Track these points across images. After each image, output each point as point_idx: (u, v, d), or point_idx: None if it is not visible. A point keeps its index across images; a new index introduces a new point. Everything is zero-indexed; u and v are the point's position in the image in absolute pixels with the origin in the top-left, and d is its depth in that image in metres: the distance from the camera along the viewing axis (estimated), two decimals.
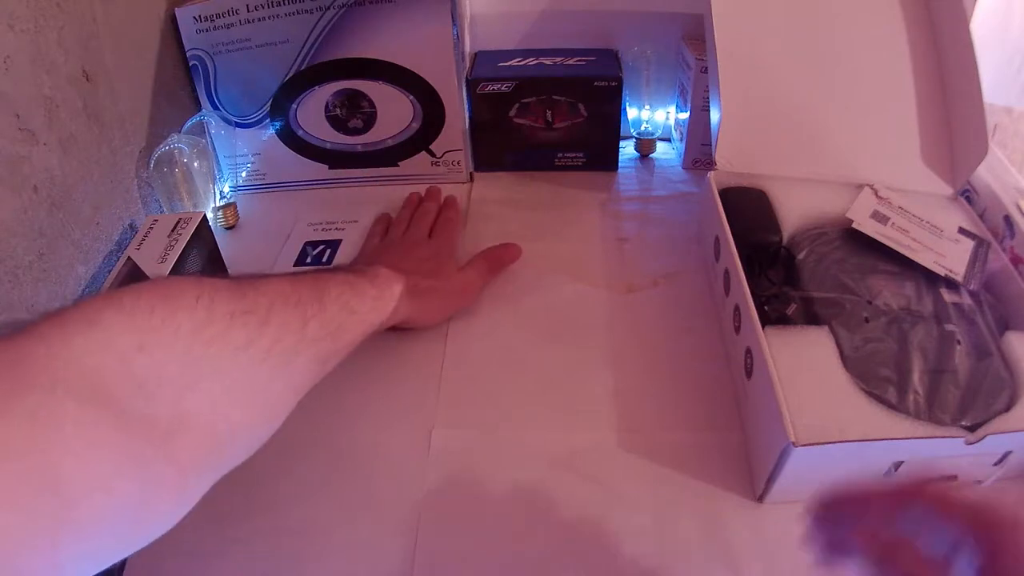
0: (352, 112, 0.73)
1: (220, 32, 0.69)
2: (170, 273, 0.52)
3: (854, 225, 0.54)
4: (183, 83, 0.72)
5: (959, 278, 0.51)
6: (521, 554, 0.43)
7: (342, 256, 0.66)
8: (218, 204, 0.70)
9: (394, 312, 0.48)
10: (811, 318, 0.48)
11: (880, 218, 0.56)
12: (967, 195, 0.61)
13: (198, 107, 0.73)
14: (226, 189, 0.72)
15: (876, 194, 0.57)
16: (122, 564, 0.43)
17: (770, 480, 0.43)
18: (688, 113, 0.73)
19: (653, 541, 0.43)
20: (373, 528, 0.45)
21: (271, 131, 0.74)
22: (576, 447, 0.49)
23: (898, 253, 0.52)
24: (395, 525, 0.45)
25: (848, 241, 0.54)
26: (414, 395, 0.49)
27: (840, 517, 0.31)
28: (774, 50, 0.62)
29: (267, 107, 0.73)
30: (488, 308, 0.60)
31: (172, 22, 0.68)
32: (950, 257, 0.53)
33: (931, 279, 0.51)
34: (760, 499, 0.45)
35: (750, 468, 0.46)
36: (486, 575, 0.43)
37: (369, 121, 0.73)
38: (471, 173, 0.77)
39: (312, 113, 0.73)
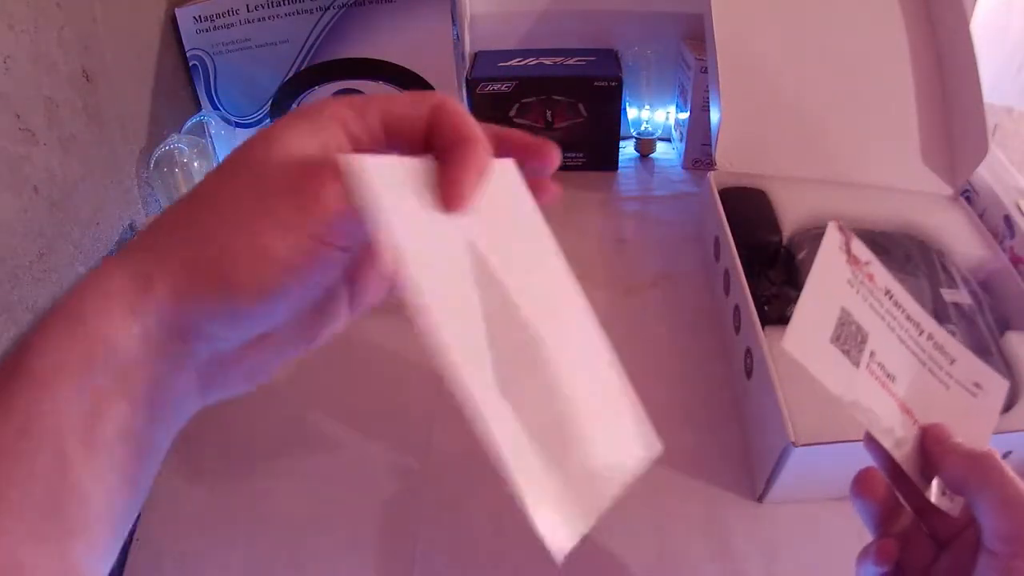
0: None
1: (220, 32, 0.69)
2: None
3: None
4: (183, 83, 0.72)
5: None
6: (521, 553, 0.43)
7: None
8: None
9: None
10: None
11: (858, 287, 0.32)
12: (967, 195, 0.61)
13: (198, 107, 0.73)
14: None
15: (848, 249, 0.32)
16: (121, 565, 0.43)
17: (770, 480, 0.43)
18: (688, 113, 0.73)
19: (653, 541, 0.43)
20: (373, 527, 0.45)
21: None
22: None
23: (899, 253, 0.52)
24: (395, 525, 0.45)
25: None
26: (414, 396, 0.49)
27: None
28: (774, 50, 0.62)
29: (267, 107, 0.73)
30: None
31: (172, 22, 0.68)
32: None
33: (931, 279, 0.51)
34: (760, 499, 0.45)
35: (750, 468, 0.46)
36: (486, 574, 0.43)
37: None
38: None
39: None
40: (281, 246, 0.21)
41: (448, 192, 0.22)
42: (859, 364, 0.30)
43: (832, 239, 0.31)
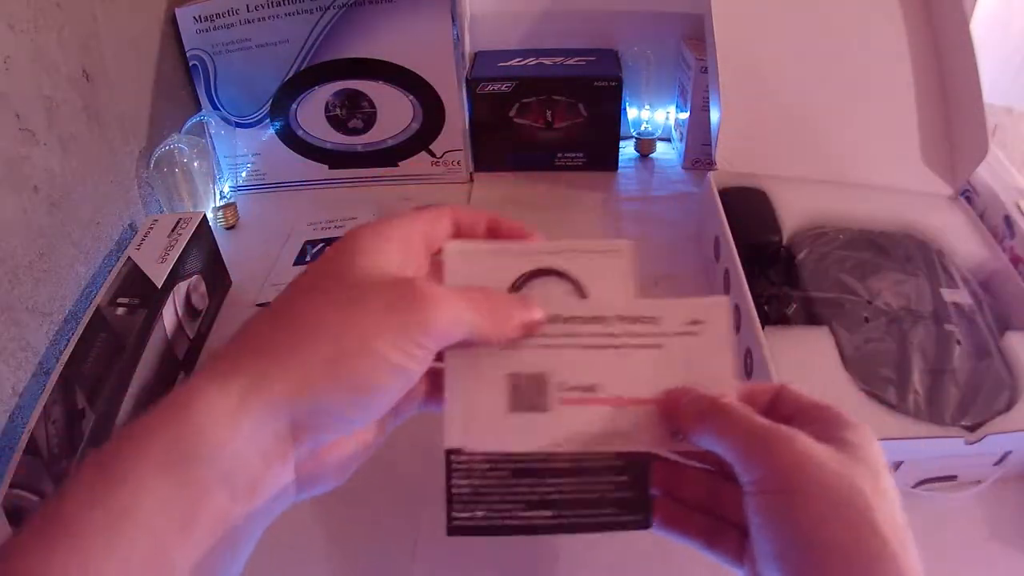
0: (352, 112, 0.73)
1: (220, 32, 0.69)
2: (170, 274, 0.52)
3: None
4: (183, 83, 0.72)
5: None
6: (520, 554, 0.43)
7: None
8: (218, 204, 0.70)
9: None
10: (811, 318, 0.48)
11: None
12: (967, 195, 0.61)
13: (198, 107, 0.73)
14: (226, 189, 0.72)
15: None
16: None
17: None
18: (688, 113, 0.73)
19: (653, 541, 0.43)
20: (373, 528, 0.45)
21: (271, 131, 0.74)
22: None
23: (899, 253, 0.52)
24: (395, 525, 0.45)
25: (848, 241, 0.54)
26: None
27: None
28: (774, 50, 0.62)
29: (267, 107, 0.73)
30: None
31: (172, 22, 0.68)
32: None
33: (931, 279, 0.51)
34: None
35: None
36: (486, 573, 0.43)
37: (369, 121, 0.73)
38: (471, 173, 0.77)
39: (312, 113, 0.73)
40: (393, 351, 0.24)
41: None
42: (549, 407, 0.29)
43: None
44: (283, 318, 0.25)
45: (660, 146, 0.81)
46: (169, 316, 0.52)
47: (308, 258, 0.66)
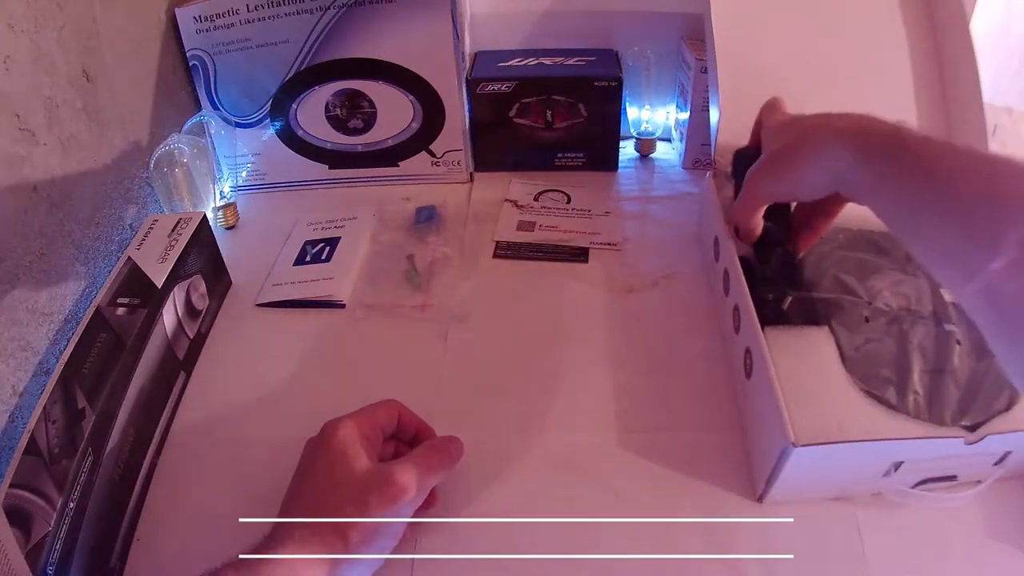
0: (352, 112, 0.73)
1: (220, 32, 0.69)
2: (170, 274, 0.52)
3: (497, 238, 0.67)
4: (183, 83, 0.72)
5: (618, 243, 0.67)
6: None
7: (340, 253, 0.66)
8: (218, 204, 0.70)
9: None
10: (811, 318, 0.48)
11: (526, 227, 0.68)
12: None
13: (198, 107, 0.73)
14: (226, 189, 0.72)
15: (516, 205, 0.72)
16: (122, 564, 0.43)
17: (770, 480, 0.43)
18: (688, 113, 0.73)
19: (653, 541, 0.43)
20: None
21: (271, 131, 0.74)
22: (576, 447, 0.49)
23: (899, 253, 0.52)
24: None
25: (848, 241, 0.54)
26: (414, 395, 0.49)
27: None
28: (774, 50, 0.62)
29: (267, 107, 0.73)
30: (488, 309, 0.60)
31: (172, 22, 0.69)
32: (604, 232, 0.68)
33: (931, 279, 0.51)
34: (760, 499, 0.45)
35: (750, 468, 0.46)
36: (485, 573, 0.43)
37: (369, 121, 0.73)
38: (471, 173, 0.77)
39: (312, 113, 0.73)
40: (386, 523, 0.38)
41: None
42: (534, 230, 0.69)
43: None
44: (311, 502, 0.39)
45: (660, 146, 0.81)
46: (169, 316, 0.52)
47: (308, 258, 0.66)
